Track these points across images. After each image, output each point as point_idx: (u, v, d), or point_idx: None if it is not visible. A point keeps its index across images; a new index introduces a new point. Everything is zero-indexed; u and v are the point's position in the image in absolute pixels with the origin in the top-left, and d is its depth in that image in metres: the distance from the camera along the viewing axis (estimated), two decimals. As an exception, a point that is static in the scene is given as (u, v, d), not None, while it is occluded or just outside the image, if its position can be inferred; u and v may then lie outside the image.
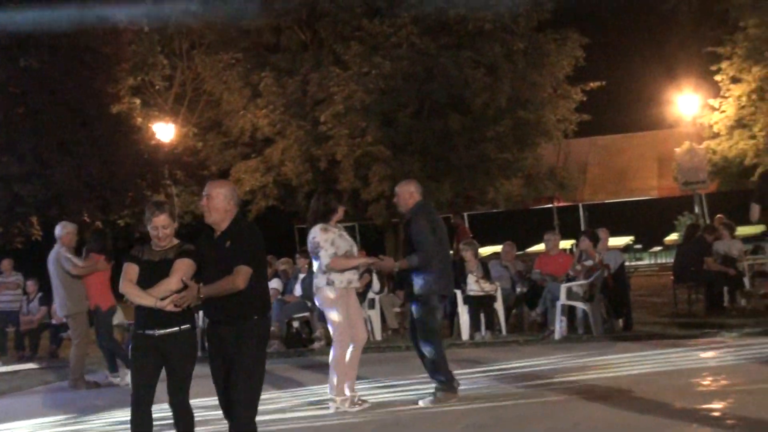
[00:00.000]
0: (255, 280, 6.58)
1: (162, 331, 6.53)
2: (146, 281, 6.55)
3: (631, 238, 29.42)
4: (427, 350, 9.05)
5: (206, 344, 6.96)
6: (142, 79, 26.40)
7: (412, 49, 22.66)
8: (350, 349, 9.02)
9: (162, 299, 6.47)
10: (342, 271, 8.96)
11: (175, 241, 6.70)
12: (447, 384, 9.02)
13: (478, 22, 22.74)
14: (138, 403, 6.59)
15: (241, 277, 6.49)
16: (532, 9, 24.07)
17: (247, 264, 6.52)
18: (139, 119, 24.95)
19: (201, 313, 7.68)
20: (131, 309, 7.00)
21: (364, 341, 9.32)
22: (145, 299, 6.49)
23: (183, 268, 6.54)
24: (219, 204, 6.71)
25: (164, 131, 25.56)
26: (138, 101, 25.12)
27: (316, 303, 9.35)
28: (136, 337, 6.75)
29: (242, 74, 24.62)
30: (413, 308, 9.23)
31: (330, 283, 8.93)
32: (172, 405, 6.60)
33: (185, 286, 6.47)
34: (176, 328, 6.53)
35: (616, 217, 27.91)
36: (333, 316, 9.02)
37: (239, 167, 24.73)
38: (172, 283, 6.50)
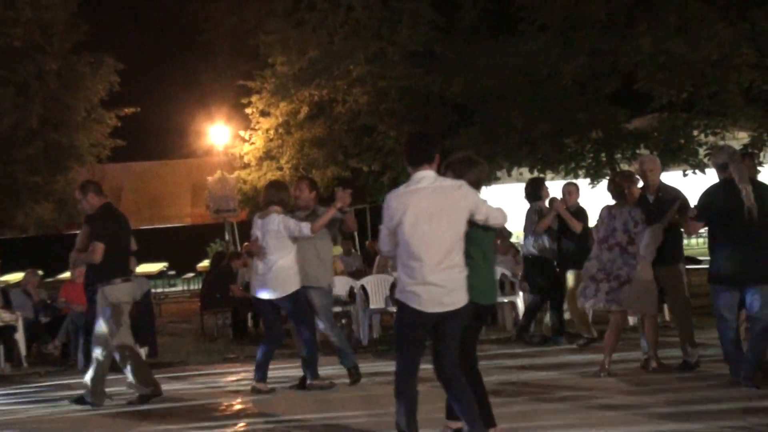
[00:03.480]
0: None
1: None
2: None
3: (165, 264, 29.67)
4: None
5: None
6: None
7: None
8: None
9: None
10: None
11: None
12: None
13: (8, 38, 21.73)
14: None
15: None
16: (67, 29, 23.58)
17: None
18: None
19: None
20: None
21: None
22: None
23: None
24: None
25: None
26: None
27: None
28: None
29: None
30: None
31: None
32: None
33: None
34: None
35: (150, 244, 27.98)
36: None
37: None
38: None
